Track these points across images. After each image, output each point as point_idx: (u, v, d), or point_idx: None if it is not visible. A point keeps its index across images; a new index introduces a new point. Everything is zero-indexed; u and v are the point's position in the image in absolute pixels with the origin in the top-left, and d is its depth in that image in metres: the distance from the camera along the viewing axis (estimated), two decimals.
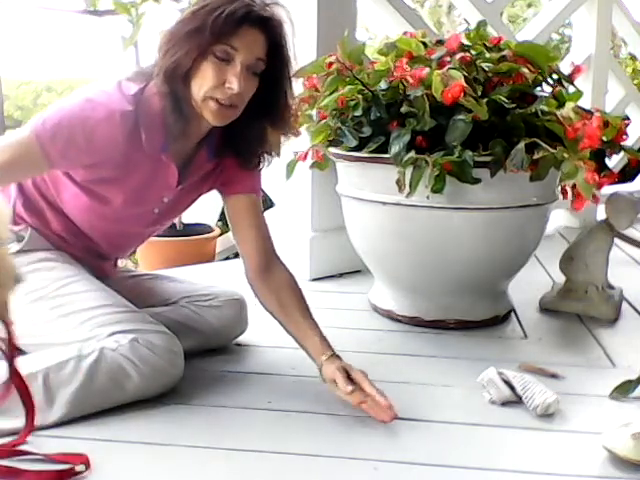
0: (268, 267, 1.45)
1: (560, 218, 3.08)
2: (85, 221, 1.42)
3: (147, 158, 1.33)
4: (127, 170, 1.33)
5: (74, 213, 1.40)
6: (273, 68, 1.31)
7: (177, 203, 1.47)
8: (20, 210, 1.40)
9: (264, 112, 1.36)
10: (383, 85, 1.68)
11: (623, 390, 1.37)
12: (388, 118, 1.65)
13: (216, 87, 1.25)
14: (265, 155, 1.44)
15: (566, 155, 1.48)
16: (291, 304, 1.42)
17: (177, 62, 1.25)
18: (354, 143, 1.69)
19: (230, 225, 1.52)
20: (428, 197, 1.54)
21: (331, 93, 1.73)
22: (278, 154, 1.46)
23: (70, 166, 1.31)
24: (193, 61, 1.24)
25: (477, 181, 1.53)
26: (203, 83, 1.26)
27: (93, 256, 1.48)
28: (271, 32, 1.29)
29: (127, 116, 1.26)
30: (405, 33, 1.85)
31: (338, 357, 1.34)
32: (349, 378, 1.28)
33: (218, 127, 1.34)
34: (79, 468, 1.07)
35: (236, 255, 2.42)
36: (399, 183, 1.54)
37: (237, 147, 1.42)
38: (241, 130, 1.37)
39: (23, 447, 1.12)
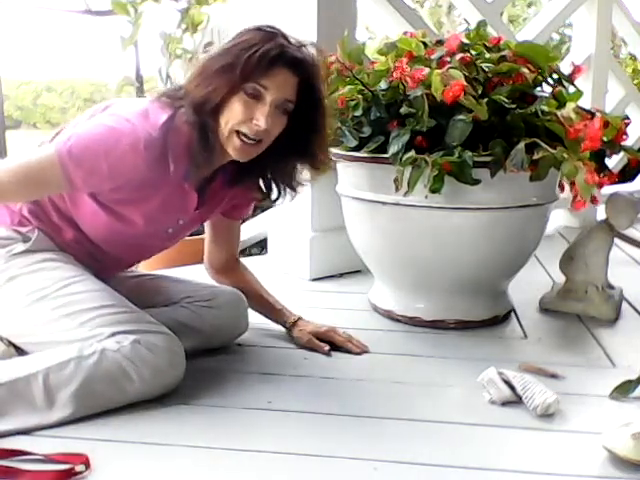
0: (230, 267, 1.66)
1: (560, 218, 3.08)
2: (100, 236, 1.43)
3: (169, 184, 1.35)
4: (148, 193, 1.35)
5: (90, 229, 1.42)
6: (305, 108, 1.34)
7: (190, 224, 1.50)
8: (26, 214, 1.41)
9: (293, 150, 1.39)
10: (383, 85, 1.68)
11: (623, 390, 1.37)
12: (388, 118, 1.65)
13: (243, 122, 1.28)
14: (288, 190, 1.48)
15: (566, 155, 1.48)
16: (251, 287, 1.65)
17: (207, 97, 1.28)
18: (354, 143, 1.69)
19: (207, 231, 1.65)
20: (426, 197, 1.54)
21: (331, 93, 1.73)
22: (300, 190, 1.50)
23: (92, 190, 1.33)
24: (223, 97, 1.27)
25: (476, 182, 1.53)
26: (231, 117, 1.29)
27: (97, 262, 1.48)
28: (303, 73, 1.31)
29: (152, 145, 1.26)
30: (405, 33, 1.85)
31: (301, 319, 1.64)
32: (321, 339, 1.58)
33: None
34: (79, 468, 1.07)
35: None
36: (396, 182, 1.54)
37: (253, 177, 1.46)
38: (260, 164, 1.40)
39: (23, 447, 1.12)
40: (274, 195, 1.50)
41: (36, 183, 1.28)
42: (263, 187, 1.49)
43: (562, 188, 1.70)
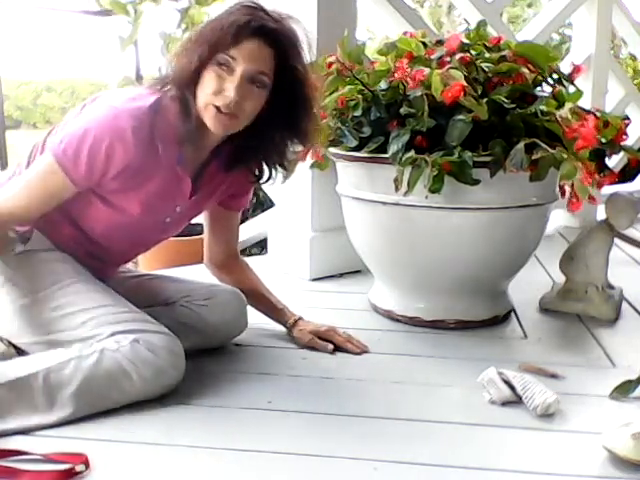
0: (231, 263, 1.66)
1: (560, 218, 3.08)
2: (97, 230, 1.43)
3: (162, 169, 1.35)
4: (143, 180, 1.35)
5: (88, 222, 1.41)
6: (285, 83, 1.32)
7: (188, 213, 1.50)
8: None
9: (280, 127, 1.38)
10: (383, 85, 1.68)
11: (623, 390, 1.37)
12: (388, 118, 1.65)
13: (214, 94, 1.27)
14: (279, 170, 1.47)
15: (565, 155, 1.48)
16: (252, 285, 1.65)
17: (182, 69, 1.28)
18: (354, 143, 1.69)
19: (206, 225, 1.65)
20: (427, 197, 1.54)
21: (331, 93, 1.73)
22: (293, 170, 1.49)
23: (95, 183, 1.33)
24: (196, 68, 1.27)
25: (476, 182, 1.53)
26: (204, 90, 1.28)
27: (96, 260, 1.48)
28: (278, 45, 1.29)
29: (139, 128, 1.27)
30: (405, 33, 1.85)
31: (302, 319, 1.64)
32: (321, 338, 1.59)
33: (229, 140, 1.37)
34: (79, 468, 1.07)
35: None
36: (396, 182, 1.54)
37: (248, 161, 1.45)
38: (253, 144, 1.39)
39: (23, 447, 1.12)
40: (265, 177, 1.49)
41: (47, 196, 1.30)
42: (256, 170, 1.48)
43: (563, 192, 1.69)
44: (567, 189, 1.61)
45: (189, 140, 1.34)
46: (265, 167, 1.48)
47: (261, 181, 1.50)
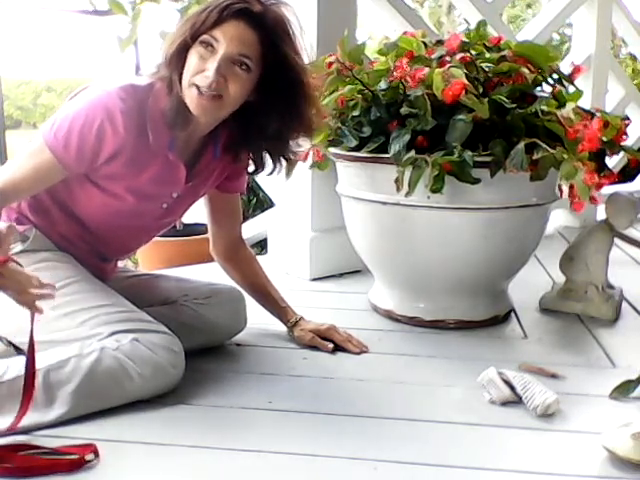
0: (236, 249, 1.65)
1: (560, 218, 3.08)
2: (96, 218, 1.42)
3: (155, 157, 1.35)
4: (137, 169, 1.35)
5: (85, 211, 1.41)
6: (275, 69, 1.30)
7: (185, 199, 1.49)
8: (25, 209, 1.41)
9: (279, 115, 1.35)
10: (383, 85, 1.68)
11: (623, 390, 1.37)
12: (388, 118, 1.65)
13: (196, 75, 1.27)
14: (280, 159, 1.44)
15: (565, 156, 1.48)
16: (258, 279, 1.65)
17: (168, 50, 1.29)
18: (354, 143, 1.69)
19: (207, 212, 1.63)
20: (428, 197, 1.54)
21: (331, 93, 1.73)
22: (295, 164, 1.47)
23: (87, 167, 1.33)
24: (181, 49, 1.28)
25: (477, 181, 1.54)
26: (187, 70, 1.28)
27: (95, 258, 1.48)
28: (263, 28, 1.27)
29: (129, 112, 1.28)
30: (405, 33, 1.85)
31: (303, 319, 1.65)
32: (322, 337, 1.60)
33: (224, 126, 1.37)
34: (89, 457, 1.07)
35: None
36: (397, 182, 1.54)
37: (243, 149, 1.44)
38: (248, 132, 1.38)
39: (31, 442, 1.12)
40: (269, 169, 1.46)
41: (39, 177, 1.30)
42: (254, 160, 1.46)
43: (561, 193, 1.69)
44: (565, 189, 1.60)
45: (178, 124, 1.33)
46: (268, 158, 1.45)
47: (263, 172, 1.48)
